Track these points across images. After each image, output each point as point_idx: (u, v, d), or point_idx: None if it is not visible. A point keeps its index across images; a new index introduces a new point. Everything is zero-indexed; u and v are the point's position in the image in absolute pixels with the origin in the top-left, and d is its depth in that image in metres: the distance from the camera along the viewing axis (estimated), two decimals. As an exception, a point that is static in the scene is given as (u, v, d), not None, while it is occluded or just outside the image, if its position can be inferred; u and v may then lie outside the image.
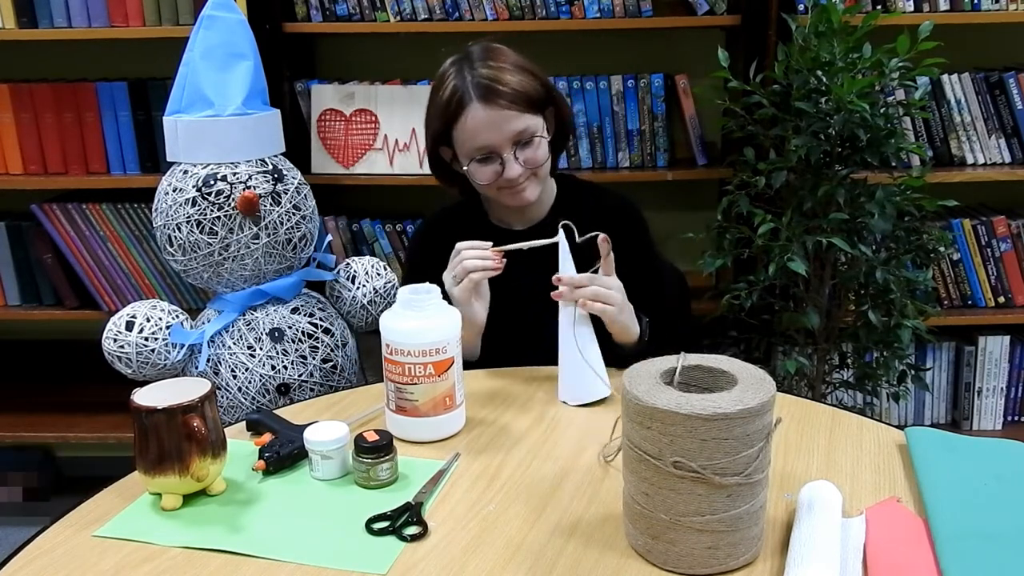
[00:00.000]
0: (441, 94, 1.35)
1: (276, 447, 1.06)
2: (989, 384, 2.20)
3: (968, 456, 1.02)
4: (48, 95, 2.08)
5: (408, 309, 1.10)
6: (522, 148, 1.34)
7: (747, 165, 1.80)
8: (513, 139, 1.33)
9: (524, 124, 1.33)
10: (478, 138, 1.33)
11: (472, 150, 1.35)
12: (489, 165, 1.35)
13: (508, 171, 1.34)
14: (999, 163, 2.07)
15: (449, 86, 1.34)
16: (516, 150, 1.33)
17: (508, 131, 1.32)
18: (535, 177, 1.37)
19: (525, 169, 1.34)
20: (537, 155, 1.35)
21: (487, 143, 1.33)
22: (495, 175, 1.35)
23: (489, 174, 1.35)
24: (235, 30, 1.55)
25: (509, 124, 1.32)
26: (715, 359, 0.91)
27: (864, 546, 0.86)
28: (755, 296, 1.77)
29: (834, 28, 1.66)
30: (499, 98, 1.30)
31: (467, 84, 1.32)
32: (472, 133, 1.33)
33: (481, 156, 1.35)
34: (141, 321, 1.50)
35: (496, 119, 1.31)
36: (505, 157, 1.33)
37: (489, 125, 1.31)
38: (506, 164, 1.33)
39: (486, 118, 1.31)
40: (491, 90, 1.30)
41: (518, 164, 1.33)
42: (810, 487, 0.93)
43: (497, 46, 1.38)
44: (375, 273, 1.69)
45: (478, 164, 1.35)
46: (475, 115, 1.31)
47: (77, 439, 2.19)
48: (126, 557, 0.89)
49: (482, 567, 0.86)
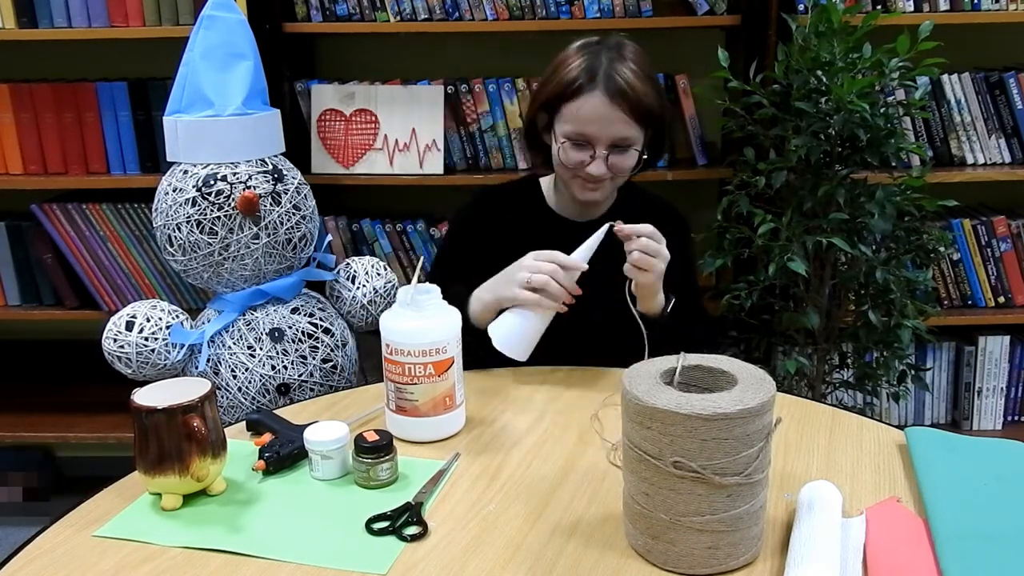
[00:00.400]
0: (570, 65, 1.36)
1: (276, 447, 1.06)
2: (989, 384, 2.20)
3: (968, 456, 1.02)
4: (48, 95, 2.08)
5: (408, 309, 1.10)
6: (616, 152, 1.36)
7: (747, 165, 1.80)
8: (613, 141, 1.35)
9: (629, 133, 1.35)
10: (584, 124, 1.34)
11: (572, 132, 1.36)
12: (580, 151, 1.36)
13: (594, 167, 1.35)
14: (999, 163, 2.07)
15: (583, 62, 1.35)
16: (610, 152, 1.36)
17: (613, 132, 1.34)
18: (612, 182, 1.40)
19: (608, 172, 1.36)
20: (625, 164, 1.38)
21: (590, 133, 1.35)
22: (580, 164, 1.37)
23: (575, 159, 1.37)
24: (235, 30, 1.56)
25: (617, 127, 1.34)
26: (715, 359, 0.91)
27: (864, 546, 0.86)
28: (755, 296, 1.77)
29: (834, 28, 1.66)
30: (624, 101, 1.32)
31: (601, 71, 1.33)
32: (581, 117, 1.34)
33: (577, 141, 1.36)
34: (141, 321, 1.50)
35: (610, 116, 1.33)
36: (597, 153, 1.35)
37: (601, 119, 1.33)
38: (596, 159, 1.35)
39: (602, 111, 1.33)
40: (621, 90, 1.32)
41: (604, 164, 1.35)
42: (810, 487, 0.93)
43: (632, 46, 1.39)
44: (375, 273, 1.69)
45: (570, 146, 1.37)
46: (594, 103, 1.33)
47: (77, 439, 2.18)
48: (126, 557, 0.89)
49: (482, 567, 0.86)
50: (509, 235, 1.48)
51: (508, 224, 1.51)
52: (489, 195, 1.57)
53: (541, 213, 1.52)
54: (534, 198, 1.54)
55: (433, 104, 2.09)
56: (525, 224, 1.51)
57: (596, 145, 1.35)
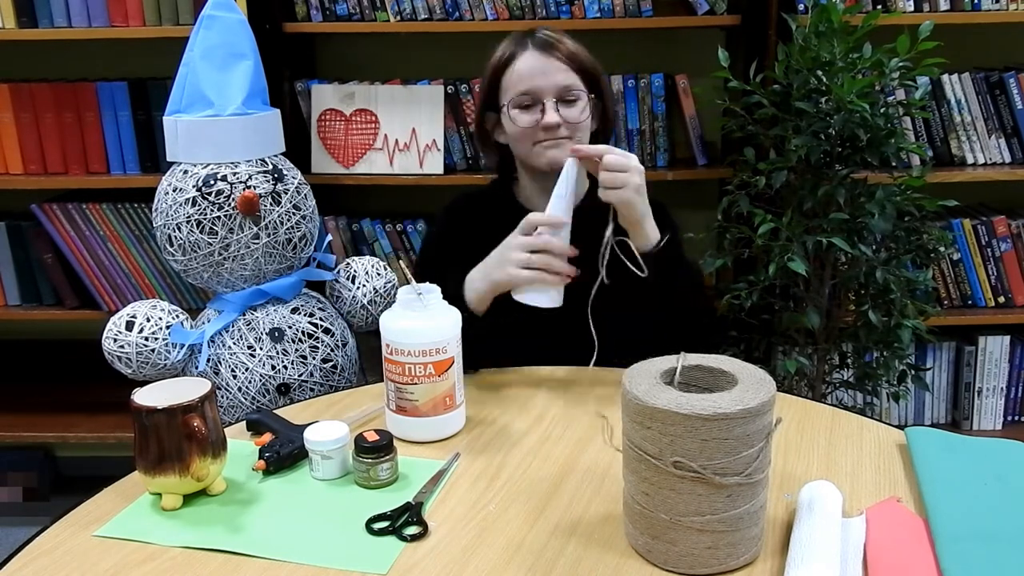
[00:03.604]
0: (496, 54, 1.42)
1: (276, 447, 1.06)
2: (989, 384, 2.20)
3: (968, 456, 1.02)
4: (48, 95, 2.08)
5: (408, 309, 1.10)
6: (565, 104, 1.37)
7: (747, 165, 1.80)
8: (558, 91, 1.37)
9: (572, 80, 1.37)
10: (525, 81, 1.37)
11: (517, 95, 1.38)
12: (530, 112, 1.38)
13: (547, 116, 1.36)
14: (999, 163, 2.07)
15: (507, 46, 1.41)
16: (559, 103, 1.37)
17: (555, 81, 1.37)
18: (570, 140, 1.38)
19: (564, 123, 1.36)
20: (576, 114, 1.38)
21: (533, 87, 1.37)
22: (533, 122, 1.38)
23: (527, 119, 1.38)
24: (235, 30, 1.55)
25: (557, 75, 1.36)
26: (715, 359, 0.91)
27: (864, 546, 0.86)
28: (755, 296, 1.76)
29: (834, 28, 1.66)
30: (555, 50, 1.37)
31: (525, 39, 1.39)
32: (520, 77, 1.37)
33: (524, 103, 1.38)
34: (141, 321, 1.50)
35: (547, 67, 1.36)
36: (547, 104, 1.36)
37: (539, 70, 1.36)
38: (546, 111, 1.36)
39: (537, 63, 1.37)
40: (550, 42, 1.37)
41: (556, 112, 1.36)
42: (810, 487, 0.93)
43: None
44: (375, 273, 1.69)
45: (519, 111, 1.39)
46: (527, 59, 1.37)
47: (77, 439, 2.18)
48: (126, 557, 0.89)
49: (482, 567, 0.86)
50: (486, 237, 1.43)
51: (483, 226, 1.46)
52: (461, 202, 1.57)
53: (515, 210, 1.46)
54: (506, 197, 1.53)
55: (433, 104, 2.09)
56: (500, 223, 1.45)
57: (543, 97, 1.37)
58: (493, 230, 1.42)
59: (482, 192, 1.59)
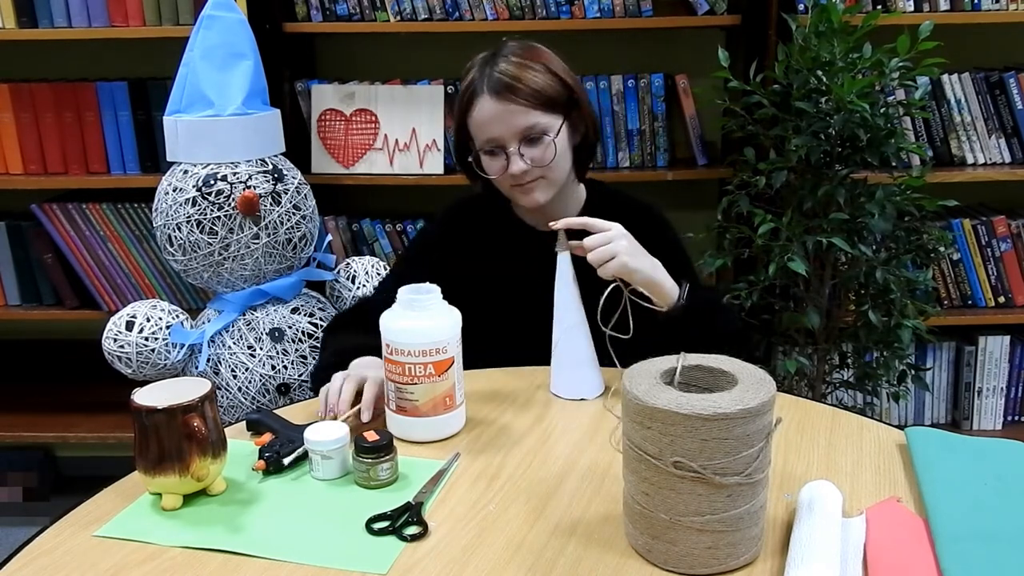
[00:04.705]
0: (461, 84, 1.37)
1: (276, 447, 1.06)
2: (989, 384, 2.20)
3: (968, 456, 1.02)
4: (48, 95, 2.08)
5: (408, 309, 1.10)
6: (529, 145, 1.32)
7: (747, 165, 1.80)
8: (520, 135, 1.31)
9: (533, 121, 1.31)
10: (485, 129, 1.32)
11: (482, 142, 1.34)
12: (496, 159, 1.34)
13: (512, 166, 1.32)
14: (999, 163, 2.07)
15: (468, 77, 1.35)
16: (522, 147, 1.32)
17: (515, 126, 1.31)
18: (544, 180, 1.34)
19: (531, 167, 1.32)
20: (544, 155, 1.32)
21: (493, 135, 1.32)
22: (501, 169, 1.34)
23: (495, 168, 1.34)
24: (235, 30, 1.56)
25: (516, 119, 1.30)
26: (715, 359, 0.91)
27: (864, 546, 0.86)
28: (755, 296, 1.76)
29: (834, 28, 1.66)
30: (510, 92, 1.29)
31: (483, 77, 1.32)
32: (480, 124, 1.33)
33: (489, 148, 1.34)
34: (141, 321, 1.50)
35: (503, 113, 1.30)
36: (510, 152, 1.32)
37: (496, 118, 1.31)
38: (511, 159, 1.32)
39: (493, 111, 1.30)
40: (503, 84, 1.29)
41: (523, 161, 1.31)
42: (810, 487, 0.93)
43: (534, 45, 1.37)
44: (375, 273, 1.69)
45: (487, 156, 1.35)
46: (484, 107, 1.31)
47: (77, 439, 2.18)
48: (126, 557, 0.89)
49: (482, 567, 0.86)
50: (481, 250, 1.45)
51: (480, 239, 1.47)
52: (459, 209, 1.53)
53: (509, 225, 1.47)
54: (502, 210, 1.48)
55: (433, 104, 2.09)
56: (495, 237, 1.47)
57: (505, 145, 1.32)
58: (490, 244, 1.44)
59: (481, 200, 1.51)
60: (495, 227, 1.45)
